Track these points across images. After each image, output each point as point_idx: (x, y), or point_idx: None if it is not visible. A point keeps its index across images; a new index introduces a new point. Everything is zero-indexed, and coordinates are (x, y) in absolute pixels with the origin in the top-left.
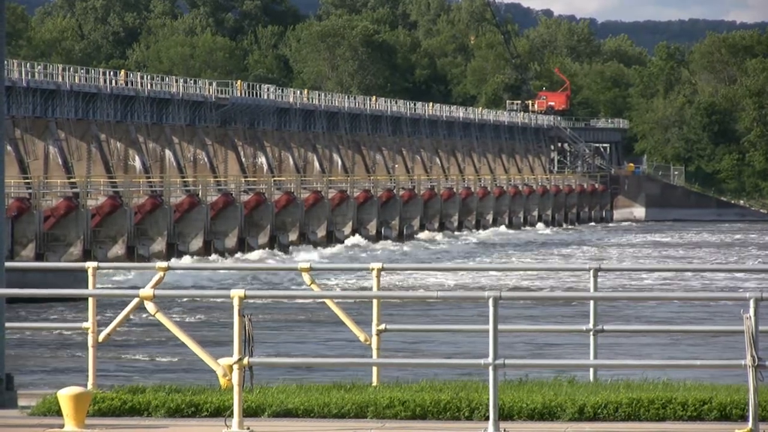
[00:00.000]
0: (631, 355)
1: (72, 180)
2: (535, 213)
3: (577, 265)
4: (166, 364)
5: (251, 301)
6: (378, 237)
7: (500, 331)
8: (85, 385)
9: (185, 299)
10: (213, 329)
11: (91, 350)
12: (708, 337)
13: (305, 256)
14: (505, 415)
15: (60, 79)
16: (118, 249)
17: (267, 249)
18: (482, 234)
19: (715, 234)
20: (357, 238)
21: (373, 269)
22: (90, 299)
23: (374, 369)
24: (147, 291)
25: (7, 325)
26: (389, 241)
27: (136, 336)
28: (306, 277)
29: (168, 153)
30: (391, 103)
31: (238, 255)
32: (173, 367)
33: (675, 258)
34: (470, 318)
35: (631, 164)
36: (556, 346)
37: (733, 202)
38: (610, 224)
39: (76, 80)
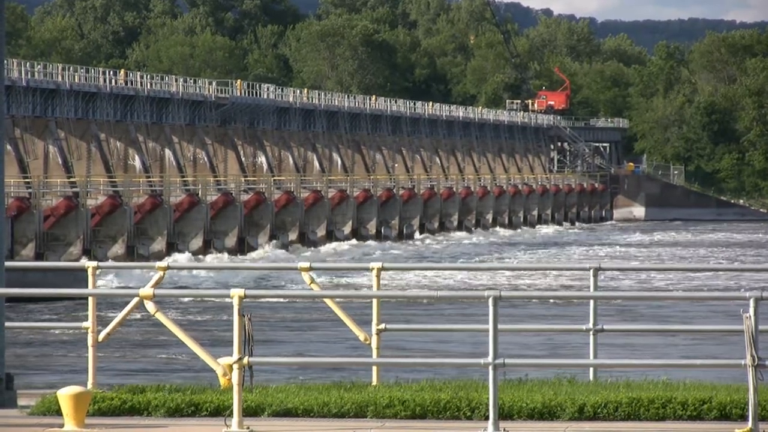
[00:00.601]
0: (651, 354)
1: (72, 179)
2: (535, 212)
3: (578, 264)
4: (166, 364)
5: (271, 301)
6: (378, 236)
7: (500, 330)
8: (85, 385)
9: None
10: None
11: (91, 350)
12: (725, 336)
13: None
14: (505, 414)
15: (60, 78)
16: (118, 248)
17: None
18: (489, 233)
19: (722, 233)
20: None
21: (373, 269)
22: (90, 299)
23: (374, 368)
24: (147, 290)
25: (7, 324)
26: (397, 241)
27: (136, 336)
28: (306, 277)
29: (168, 152)
30: (390, 102)
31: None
32: (173, 367)
33: (700, 258)
34: (484, 318)
35: (631, 164)
36: (573, 346)
37: (732, 201)
38: (618, 223)
39: (76, 80)
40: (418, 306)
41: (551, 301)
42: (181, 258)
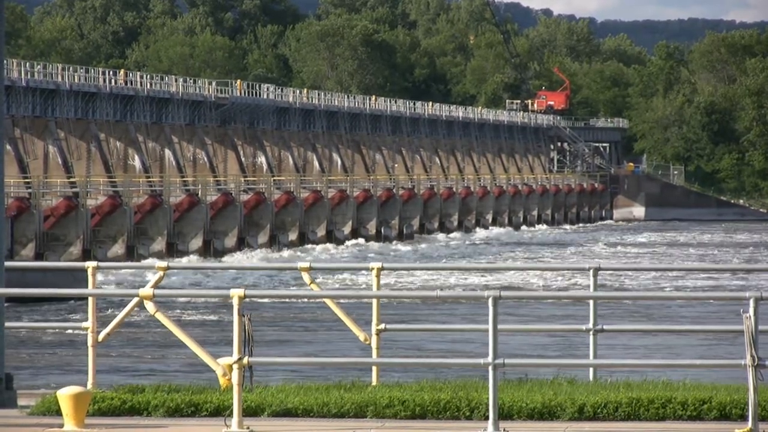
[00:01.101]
0: (660, 355)
1: (72, 179)
2: (535, 212)
3: (579, 264)
4: (165, 364)
5: (286, 301)
6: (378, 237)
7: (501, 330)
8: (85, 385)
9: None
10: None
11: (90, 350)
12: (737, 337)
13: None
14: (504, 414)
15: (59, 78)
16: (118, 249)
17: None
18: (489, 233)
19: (729, 233)
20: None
21: (373, 269)
22: (90, 299)
23: (374, 368)
24: (147, 290)
25: (7, 324)
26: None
27: (136, 335)
28: (306, 277)
29: (168, 152)
30: (390, 102)
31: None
32: (173, 367)
33: (718, 259)
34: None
35: (631, 164)
36: (587, 346)
37: (732, 201)
38: (618, 223)
39: (76, 80)
40: (433, 307)
41: (564, 300)
42: (197, 259)
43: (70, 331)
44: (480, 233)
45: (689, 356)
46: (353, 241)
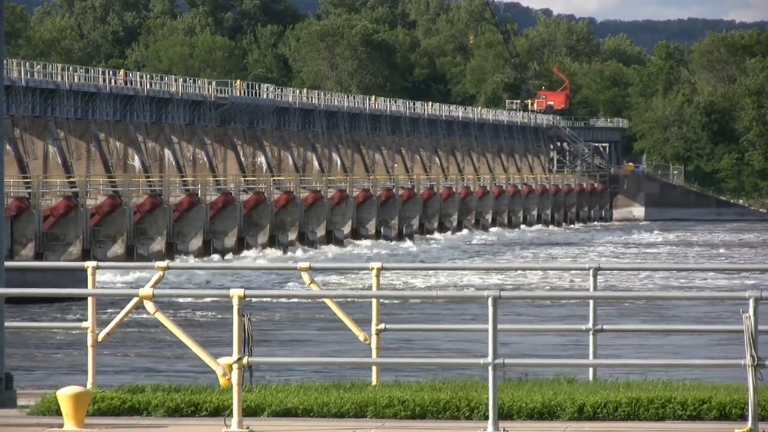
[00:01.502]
0: (669, 354)
1: (71, 179)
2: (535, 212)
3: (579, 264)
4: (165, 364)
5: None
6: (377, 236)
7: (500, 330)
8: (85, 385)
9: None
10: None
11: (90, 350)
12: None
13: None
14: (504, 414)
15: (59, 78)
16: (118, 248)
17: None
18: (488, 233)
19: (733, 232)
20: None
21: (373, 269)
22: (89, 299)
23: (374, 368)
24: (146, 290)
25: (7, 324)
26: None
27: (136, 335)
28: (305, 277)
29: (167, 152)
30: (390, 102)
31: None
32: (174, 367)
33: (731, 259)
34: (514, 318)
35: (631, 164)
36: (599, 346)
37: (732, 201)
38: (620, 222)
39: (76, 80)
40: (445, 307)
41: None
42: (214, 259)
43: (75, 331)
44: (480, 233)
45: (693, 356)
46: (368, 242)
